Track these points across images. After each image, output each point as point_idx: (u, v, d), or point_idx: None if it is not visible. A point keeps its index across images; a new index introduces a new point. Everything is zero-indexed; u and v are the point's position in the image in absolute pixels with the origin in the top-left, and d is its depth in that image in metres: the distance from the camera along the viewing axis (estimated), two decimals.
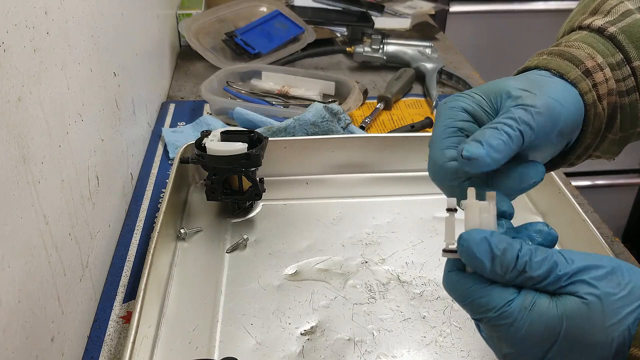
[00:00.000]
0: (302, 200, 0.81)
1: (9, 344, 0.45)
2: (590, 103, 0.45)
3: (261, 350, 0.59)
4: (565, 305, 0.36)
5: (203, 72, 1.21)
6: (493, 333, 0.39)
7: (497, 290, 0.37)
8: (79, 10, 0.64)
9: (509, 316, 0.37)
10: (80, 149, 0.63)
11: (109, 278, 0.70)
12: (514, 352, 0.38)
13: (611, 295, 0.36)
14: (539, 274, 0.36)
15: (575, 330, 0.36)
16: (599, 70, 0.46)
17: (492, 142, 0.39)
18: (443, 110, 0.44)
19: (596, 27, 0.49)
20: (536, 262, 0.37)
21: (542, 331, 0.36)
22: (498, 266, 0.37)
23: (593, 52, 0.47)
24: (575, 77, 0.45)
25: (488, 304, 0.37)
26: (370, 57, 1.25)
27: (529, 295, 0.37)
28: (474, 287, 0.38)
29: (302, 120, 0.89)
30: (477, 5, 2.04)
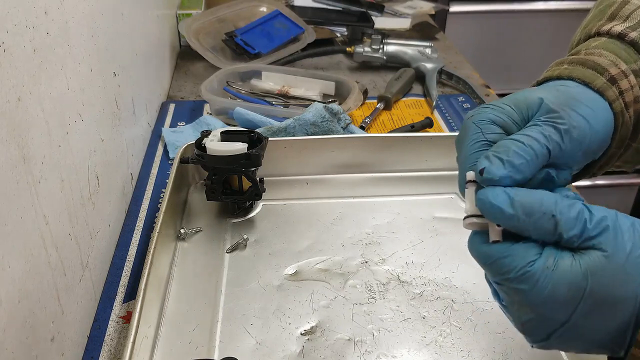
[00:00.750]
0: (302, 200, 0.81)
1: (9, 344, 0.45)
2: (619, 111, 0.44)
3: (261, 350, 0.59)
4: (588, 261, 0.35)
5: (203, 72, 1.21)
6: (514, 297, 0.37)
7: (520, 249, 0.36)
8: (79, 10, 0.64)
9: (532, 276, 0.36)
10: (80, 149, 0.63)
11: (109, 278, 0.70)
12: (535, 317, 0.37)
13: (633, 247, 0.35)
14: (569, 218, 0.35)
15: (600, 287, 0.35)
16: (624, 77, 0.45)
17: (515, 161, 0.37)
18: (470, 125, 0.42)
19: (616, 32, 0.47)
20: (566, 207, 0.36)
21: (566, 291, 0.35)
22: (519, 209, 0.36)
23: (616, 58, 0.45)
24: (601, 86, 0.43)
25: (510, 263, 0.36)
26: (370, 57, 1.25)
27: (551, 254, 0.36)
28: (496, 246, 0.37)
29: (302, 120, 0.89)
30: (477, 5, 2.04)
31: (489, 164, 0.38)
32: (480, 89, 1.16)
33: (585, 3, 2.02)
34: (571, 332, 0.37)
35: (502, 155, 0.38)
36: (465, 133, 0.42)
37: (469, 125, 0.42)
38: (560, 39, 2.03)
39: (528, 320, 0.38)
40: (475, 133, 0.41)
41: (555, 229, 0.36)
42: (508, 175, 0.37)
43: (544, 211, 0.36)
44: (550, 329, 0.37)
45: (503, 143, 0.39)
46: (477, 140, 0.41)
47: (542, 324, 0.37)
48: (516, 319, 0.39)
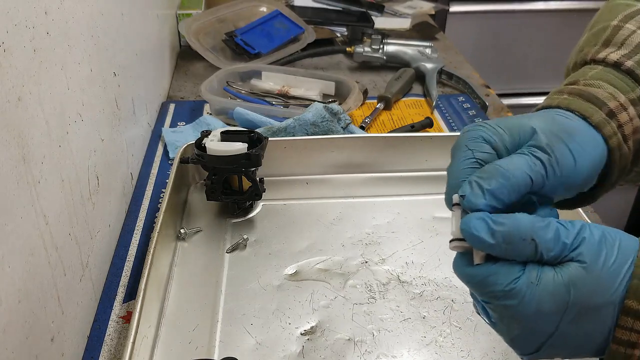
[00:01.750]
0: (302, 200, 0.81)
1: (9, 344, 0.45)
2: (615, 146, 0.44)
3: (261, 350, 0.59)
4: (569, 273, 0.37)
5: (203, 72, 1.21)
6: (503, 313, 0.38)
7: (503, 268, 0.38)
8: (79, 10, 0.64)
9: (518, 293, 0.37)
10: (80, 149, 0.63)
11: (109, 278, 0.70)
12: (523, 331, 0.38)
13: (608, 257, 0.37)
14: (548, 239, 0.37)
15: (581, 297, 0.36)
16: (623, 110, 0.45)
17: (496, 191, 0.39)
18: (464, 140, 0.43)
19: (612, 61, 0.47)
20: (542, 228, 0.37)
21: (552, 303, 0.37)
22: (500, 237, 0.37)
23: (614, 90, 0.46)
24: (599, 122, 0.44)
25: (495, 281, 0.38)
26: (370, 57, 1.25)
27: (534, 270, 0.37)
28: (480, 267, 0.38)
29: (302, 120, 0.89)
30: (477, 5, 2.04)
31: (470, 192, 0.39)
32: (480, 89, 1.16)
33: (585, 3, 2.02)
34: (559, 342, 0.38)
35: (483, 183, 0.39)
36: (458, 146, 0.43)
37: (464, 141, 0.43)
38: (560, 39, 2.03)
39: (517, 335, 0.39)
40: (467, 150, 0.42)
41: (535, 252, 0.37)
42: (488, 204, 0.39)
43: (523, 237, 0.37)
44: (540, 341, 0.38)
45: (488, 169, 0.40)
46: (468, 158, 0.42)
47: (531, 337, 0.38)
48: (505, 335, 0.40)
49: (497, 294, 0.38)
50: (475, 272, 0.39)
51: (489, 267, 0.38)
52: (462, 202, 0.40)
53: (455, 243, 0.40)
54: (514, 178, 0.39)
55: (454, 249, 0.40)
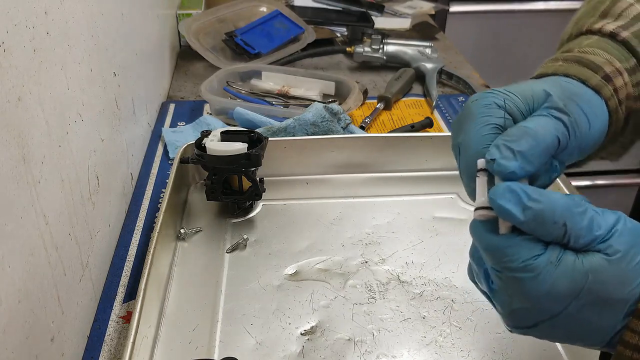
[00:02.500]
0: (302, 200, 0.81)
1: (9, 344, 0.45)
2: (613, 109, 0.44)
3: (261, 350, 0.59)
4: (591, 261, 0.36)
5: (203, 72, 1.21)
6: (512, 285, 0.37)
7: (526, 243, 0.37)
8: (79, 10, 0.64)
9: (535, 269, 0.36)
10: (80, 149, 0.63)
11: (109, 278, 0.70)
12: (528, 306, 0.37)
13: (635, 255, 0.36)
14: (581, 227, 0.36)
15: (598, 286, 0.36)
16: (619, 74, 0.45)
17: (526, 152, 0.37)
18: (477, 107, 0.41)
19: (608, 31, 0.47)
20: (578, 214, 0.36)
21: (566, 286, 0.36)
22: (531, 215, 0.36)
23: (610, 57, 0.46)
24: (597, 84, 0.44)
25: (515, 254, 0.37)
26: (370, 57, 1.25)
27: (555, 251, 0.36)
28: (502, 236, 0.37)
29: (302, 120, 0.89)
30: (477, 5, 2.04)
31: (500, 155, 0.37)
32: (480, 89, 1.16)
33: None
34: (559, 323, 0.37)
35: (513, 145, 0.38)
36: (470, 115, 0.41)
37: (475, 108, 0.41)
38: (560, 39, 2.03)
39: (519, 308, 0.38)
40: (483, 115, 0.40)
41: (564, 236, 0.36)
42: (520, 167, 0.37)
43: (556, 220, 0.36)
44: (540, 318, 0.38)
45: (515, 131, 0.39)
46: (487, 123, 0.40)
47: (533, 313, 0.38)
48: (505, 305, 0.39)
49: (514, 267, 0.37)
50: (497, 242, 0.37)
51: (512, 239, 0.37)
52: (490, 167, 0.38)
53: (480, 212, 0.38)
54: (543, 139, 0.38)
55: (480, 218, 0.39)
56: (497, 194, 0.36)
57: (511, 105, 0.41)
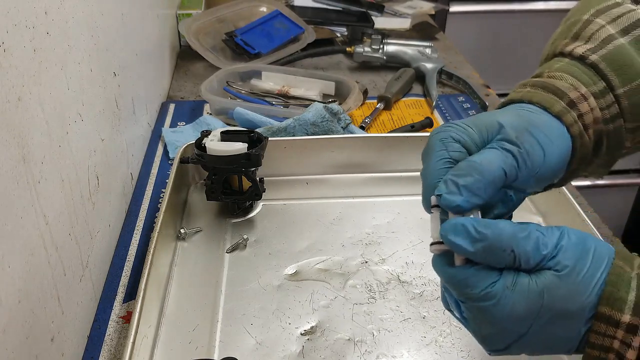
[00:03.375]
0: (302, 200, 0.81)
1: (9, 344, 0.45)
2: (577, 135, 0.45)
3: (261, 350, 0.59)
4: (543, 280, 0.38)
5: (203, 72, 1.21)
6: (477, 314, 0.40)
7: (482, 272, 0.39)
8: (79, 10, 0.64)
9: (494, 296, 0.38)
10: (80, 149, 0.63)
11: (109, 278, 0.70)
12: (496, 331, 0.40)
13: (582, 265, 0.38)
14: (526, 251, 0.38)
15: (554, 303, 0.38)
16: (584, 100, 0.46)
17: (472, 186, 0.39)
18: (435, 142, 0.44)
19: (578, 54, 0.48)
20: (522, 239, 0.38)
21: (525, 308, 0.38)
22: (480, 247, 0.38)
23: (576, 82, 0.47)
24: (560, 111, 0.45)
25: (473, 283, 0.39)
26: (370, 57, 1.25)
27: (509, 276, 0.39)
28: (459, 268, 0.40)
29: (302, 120, 0.89)
30: (477, 5, 2.04)
31: (446, 190, 0.40)
32: (480, 89, 1.16)
33: None
34: (529, 342, 0.40)
35: (459, 179, 0.40)
36: (429, 149, 0.44)
37: (435, 142, 0.44)
38: None
39: (489, 334, 0.40)
40: (440, 150, 0.43)
41: (514, 261, 0.38)
42: (465, 200, 0.39)
43: (504, 248, 0.38)
44: (510, 340, 0.40)
45: (462, 165, 0.41)
46: (441, 158, 0.42)
47: (502, 337, 0.40)
48: (476, 332, 0.42)
49: (474, 296, 0.39)
50: (455, 274, 0.40)
51: (468, 270, 0.39)
52: (439, 202, 0.40)
53: (435, 246, 0.41)
54: (488, 172, 0.40)
55: (434, 252, 0.41)
56: (446, 230, 0.39)
57: (466, 138, 0.43)
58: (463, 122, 0.44)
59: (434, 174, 0.42)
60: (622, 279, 0.38)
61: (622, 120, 0.47)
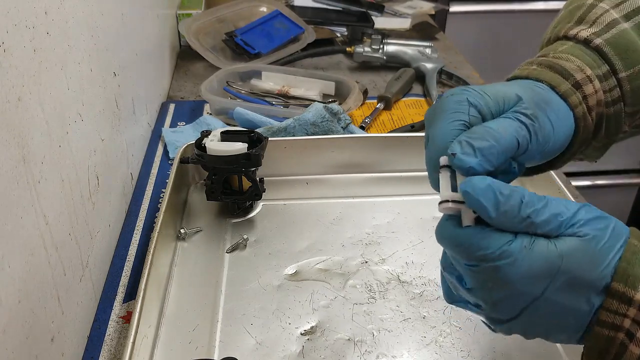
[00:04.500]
0: (302, 200, 0.81)
1: (9, 344, 0.45)
2: (580, 116, 0.45)
3: (261, 350, 0.59)
4: (563, 244, 0.37)
5: (203, 72, 1.21)
6: (490, 277, 0.38)
7: (496, 233, 0.38)
8: (79, 10, 0.64)
9: (510, 255, 0.37)
10: (80, 149, 0.63)
11: (109, 278, 0.70)
12: (509, 294, 0.38)
13: (602, 235, 0.38)
14: (543, 220, 0.38)
15: (573, 267, 0.37)
16: (589, 82, 0.46)
17: (486, 150, 0.39)
18: (449, 103, 0.43)
19: (582, 38, 0.49)
20: (540, 209, 0.38)
21: (543, 267, 0.37)
22: (502, 211, 0.37)
23: (582, 64, 0.47)
24: (566, 91, 0.45)
25: (488, 244, 0.38)
26: (370, 57, 1.25)
27: (526, 237, 0.38)
28: (472, 231, 0.38)
29: (302, 120, 0.89)
30: (477, 5, 2.04)
31: (461, 151, 0.39)
32: None
33: None
34: (541, 309, 0.38)
35: (474, 142, 0.39)
36: (442, 109, 0.43)
37: (449, 103, 0.43)
38: None
39: (501, 297, 0.39)
40: (454, 111, 0.42)
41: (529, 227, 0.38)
42: (479, 163, 0.39)
43: (522, 214, 0.37)
44: (523, 305, 0.39)
45: (478, 129, 0.40)
46: (455, 119, 0.42)
47: (515, 300, 0.39)
48: (487, 299, 0.40)
49: (489, 256, 0.38)
50: (467, 235, 0.38)
51: (483, 230, 0.38)
52: (451, 161, 0.39)
53: (445, 205, 0.39)
54: (503, 140, 0.40)
55: (445, 211, 0.40)
56: (472, 187, 0.37)
57: (482, 104, 0.43)
58: (481, 88, 0.44)
59: (447, 134, 0.41)
60: (637, 257, 0.37)
61: (623, 104, 0.48)
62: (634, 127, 0.51)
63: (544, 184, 0.78)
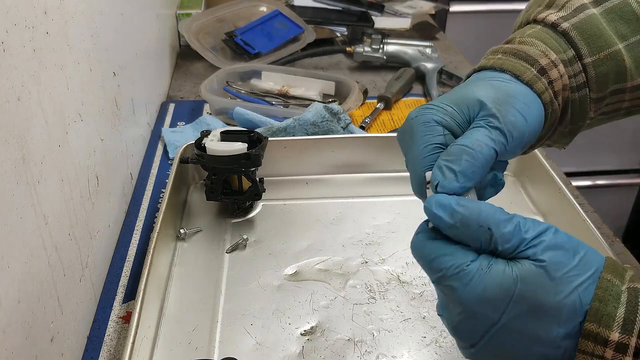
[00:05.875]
0: (302, 200, 0.81)
1: (8, 344, 0.45)
2: (548, 102, 0.45)
3: (261, 350, 0.59)
4: (520, 268, 0.37)
5: (203, 72, 1.21)
6: (449, 295, 0.38)
7: (460, 250, 0.38)
8: (79, 10, 0.64)
9: (467, 275, 0.37)
10: (80, 149, 0.63)
11: (109, 278, 0.70)
12: (466, 315, 0.38)
13: (565, 262, 0.37)
14: (503, 233, 0.37)
15: (528, 293, 0.36)
16: (554, 67, 0.46)
17: (466, 171, 0.39)
18: (417, 126, 0.43)
19: (550, 22, 0.48)
20: (502, 221, 0.37)
21: (496, 291, 0.36)
22: (458, 219, 0.37)
23: (546, 48, 0.47)
24: (530, 79, 0.45)
25: (448, 261, 0.38)
26: (370, 57, 1.25)
27: (486, 259, 0.38)
28: (438, 245, 0.39)
29: (302, 120, 0.89)
30: (477, 5, 2.04)
31: (442, 178, 0.39)
32: None
33: None
34: (502, 336, 0.37)
35: (453, 165, 0.39)
36: (412, 134, 0.43)
37: (416, 127, 0.43)
38: None
39: (460, 320, 0.39)
40: (424, 135, 0.42)
41: (490, 241, 0.37)
42: (462, 187, 0.39)
43: (481, 224, 0.37)
44: (482, 329, 0.38)
45: (453, 150, 0.40)
46: (428, 143, 0.42)
47: (473, 323, 0.38)
48: (449, 321, 0.40)
49: (448, 274, 0.38)
50: (433, 249, 0.39)
51: (447, 246, 0.39)
52: (434, 190, 0.40)
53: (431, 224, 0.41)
54: (481, 154, 0.40)
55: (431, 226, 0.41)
56: (430, 202, 0.39)
57: (448, 120, 0.43)
58: (441, 101, 0.44)
59: (423, 161, 0.42)
60: (609, 294, 0.36)
61: (588, 89, 0.48)
62: (600, 114, 0.51)
63: (544, 184, 0.78)
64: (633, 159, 2.15)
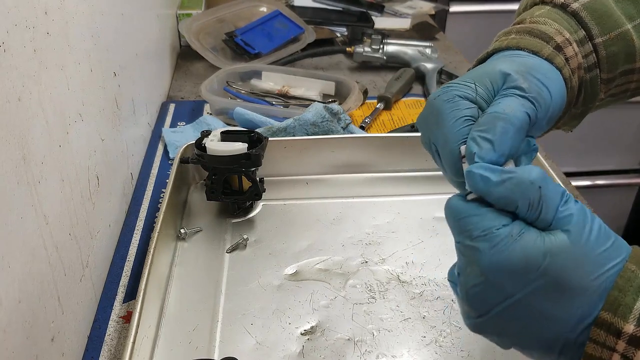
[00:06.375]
0: (302, 200, 0.81)
1: (9, 344, 0.45)
2: (567, 77, 0.44)
3: (261, 350, 0.59)
4: (553, 240, 0.35)
5: (203, 72, 1.21)
6: (470, 257, 0.36)
7: (492, 213, 0.36)
8: (79, 10, 0.64)
9: (492, 239, 0.35)
10: (81, 149, 0.63)
11: (109, 278, 0.70)
12: (483, 282, 0.36)
13: (602, 242, 0.35)
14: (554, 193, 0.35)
15: (556, 268, 0.34)
16: (569, 44, 0.45)
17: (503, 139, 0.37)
18: (442, 104, 0.40)
19: (559, 2, 0.48)
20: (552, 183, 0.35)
21: (521, 262, 0.34)
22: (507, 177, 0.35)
23: (560, 27, 0.46)
24: (550, 54, 0.44)
25: (478, 222, 0.36)
26: (370, 57, 1.25)
27: (519, 226, 0.35)
28: (471, 203, 0.37)
29: (302, 120, 0.89)
30: (477, 5, 2.04)
31: (479, 149, 0.37)
32: None
33: None
34: (516, 310, 0.36)
35: (488, 134, 0.37)
36: (437, 112, 0.41)
37: (441, 105, 0.41)
38: None
39: (474, 285, 0.36)
40: (452, 111, 0.40)
41: (538, 201, 0.35)
42: (500, 155, 0.37)
43: (532, 181, 0.35)
44: (494, 300, 0.36)
45: (485, 119, 0.38)
46: (458, 117, 0.40)
47: (488, 292, 0.36)
48: (463, 286, 0.38)
49: (473, 235, 0.36)
50: (464, 209, 0.37)
51: (479, 207, 0.36)
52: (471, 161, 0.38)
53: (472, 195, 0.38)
54: (515, 119, 0.38)
55: None
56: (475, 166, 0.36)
57: (472, 94, 0.41)
58: (462, 79, 0.42)
59: (457, 134, 0.39)
60: (631, 284, 0.34)
61: (598, 70, 0.47)
62: (609, 95, 0.50)
63: None
64: (632, 159, 2.15)
